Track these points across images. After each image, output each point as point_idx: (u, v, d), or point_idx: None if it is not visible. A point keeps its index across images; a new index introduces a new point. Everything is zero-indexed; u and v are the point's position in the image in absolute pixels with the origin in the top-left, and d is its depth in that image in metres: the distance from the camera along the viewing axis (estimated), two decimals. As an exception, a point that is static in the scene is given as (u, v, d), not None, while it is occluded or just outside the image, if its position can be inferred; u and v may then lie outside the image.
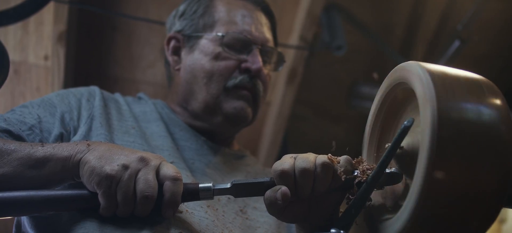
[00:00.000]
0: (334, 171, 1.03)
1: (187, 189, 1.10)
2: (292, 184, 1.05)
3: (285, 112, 2.81)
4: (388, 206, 1.05)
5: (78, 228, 1.08)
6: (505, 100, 0.87)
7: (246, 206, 1.40)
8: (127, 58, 2.56)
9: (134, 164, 1.06)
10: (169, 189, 1.06)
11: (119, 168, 1.04)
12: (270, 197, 1.06)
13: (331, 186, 1.04)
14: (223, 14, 1.57)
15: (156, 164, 1.08)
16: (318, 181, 1.03)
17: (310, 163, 1.04)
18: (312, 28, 2.60)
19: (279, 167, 1.05)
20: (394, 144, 0.93)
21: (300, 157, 1.06)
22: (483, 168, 0.82)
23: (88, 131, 1.32)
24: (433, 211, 0.84)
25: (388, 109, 1.10)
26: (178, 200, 1.08)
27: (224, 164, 1.51)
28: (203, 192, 1.10)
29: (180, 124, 1.52)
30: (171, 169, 1.09)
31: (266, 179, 1.09)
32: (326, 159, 1.04)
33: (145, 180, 1.05)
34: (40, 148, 1.11)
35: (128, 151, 1.10)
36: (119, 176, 1.04)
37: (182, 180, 1.09)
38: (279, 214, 1.08)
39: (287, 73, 2.66)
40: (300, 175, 1.03)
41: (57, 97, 1.40)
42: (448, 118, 0.83)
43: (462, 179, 0.82)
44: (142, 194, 1.04)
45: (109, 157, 1.06)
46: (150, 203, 1.05)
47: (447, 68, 0.91)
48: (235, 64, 1.51)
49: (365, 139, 1.16)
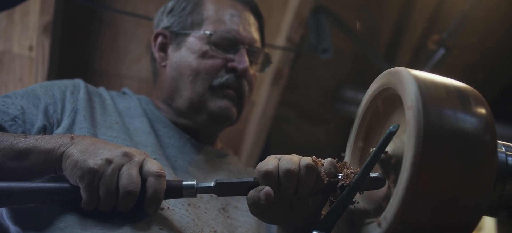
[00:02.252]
0: (317, 174, 1.03)
1: (170, 186, 1.10)
2: (275, 185, 1.05)
3: (269, 112, 2.81)
4: (370, 210, 1.05)
5: (58, 221, 1.07)
6: (490, 110, 0.88)
7: (227, 204, 1.41)
8: (112, 52, 2.54)
9: (118, 159, 1.06)
10: (152, 185, 1.06)
11: (103, 162, 1.04)
12: (253, 197, 1.05)
13: (314, 188, 1.05)
14: (212, 12, 1.57)
15: (140, 160, 1.08)
16: (301, 182, 1.04)
17: (294, 165, 1.04)
18: (299, 30, 2.61)
19: (263, 168, 1.05)
20: (379, 149, 0.93)
21: (284, 158, 1.06)
22: (466, 176, 0.83)
23: (71, 124, 1.31)
24: (415, 217, 0.84)
25: (374, 114, 1.10)
26: (161, 197, 1.08)
27: (206, 162, 1.51)
28: (187, 190, 1.10)
29: (164, 121, 1.52)
30: (155, 165, 1.08)
31: (250, 179, 1.09)
32: (310, 161, 1.04)
33: (128, 175, 1.04)
34: (23, 139, 1.10)
35: (112, 146, 1.09)
36: (102, 171, 1.03)
37: (165, 177, 1.09)
38: (262, 214, 1.07)
39: (273, 73, 2.66)
40: (284, 176, 1.04)
41: (41, 88, 1.39)
42: (433, 125, 0.83)
43: (445, 186, 0.83)
44: (124, 190, 1.04)
45: (93, 151, 1.06)
46: (133, 198, 1.05)
47: (434, 76, 0.92)
48: (221, 63, 1.51)
49: (349, 142, 1.17)
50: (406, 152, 0.85)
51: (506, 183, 0.93)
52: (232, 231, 1.35)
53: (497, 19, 3.09)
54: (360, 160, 1.13)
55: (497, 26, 3.14)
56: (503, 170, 0.93)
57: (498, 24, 3.14)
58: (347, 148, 1.17)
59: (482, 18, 3.01)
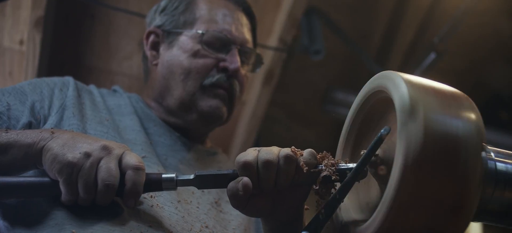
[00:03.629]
0: (297, 164, 1.03)
1: (149, 179, 1.09)
2: (254, 176, 1.04)
3: (260, 112, 2.81)
4: (359, 213, 1.06)
5: (48, 218, 1.07)
6: (481, 116, 0.89)
7: (220, 199, 1.41)
8: (104, 48, 2.53)
9: (97, 153, 1.05)
10: (131, 178, 1.06)
11: (81, 156, 1.03)
12: (232, 189, 1.05)
13: (294, 179, 1.04)
14: (204, 12, 1.57)
15: (118, 153, 1.08)
16: (281, 173, 1.03)
17: (273, 155, 1.03)
18: (292, 30, 2.61)
19: (242, 158, 1.05)
20: (370, 151, 0.94)
21: (263, 150, 1.05)
22: (455, 181, 0.84)
23: (59, 120, 1.31)
24: (404, 220, 0.85)
25: (365, 116, 1.10)
26: (140, 190, 1.07)
27: (196, 160, 1.51)
28: (166, 182, 1.10)
29: (154, 119, 1.52)
30: (134, 158, 1.08)
31: (229, 171, 1.08)
32: (289, 151, 1.03)
33: (107, 168, 1.04)
34: (3, 134, 1.10)
35: (92, 139, 1.09)
36: (81, 164, 1.03)
37: (144, 170, 1.08)
38: (242, 207, 1.07)
39: (264, 74, 2.67)
40: (263, 166, 1.03)
41: (29, 85, 1.38)
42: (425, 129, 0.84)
43: (434, 191, 0.83)
44: (103, 183, 1.03)
45: (72, 145, 1.06)
46: (111, 191, 1.04)
47: (426, 80, 0.92)
48: (213, 62, 1.51)
49: (340, 144, 1.17)
50: (396, 156, 0.86)
51: (494, 189, 0.93)
52: (224, 225, 1.35)
53: (488, 26, 3.11)
54: (348, 160, 1.13)
55: (488, 33, 3.17)
56: (492, 175, 0.93)
57: (489, 31, 3.17)
58: (337, 149, 1.17)
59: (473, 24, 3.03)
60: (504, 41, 3.28)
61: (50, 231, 1.05)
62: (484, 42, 3.23)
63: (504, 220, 0.98)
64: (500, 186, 0.93)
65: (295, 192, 1.08)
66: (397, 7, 3.17)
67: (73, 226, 1.05)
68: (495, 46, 3.27)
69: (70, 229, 1.04)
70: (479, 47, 3.26)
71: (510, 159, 0.96)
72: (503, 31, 3.19)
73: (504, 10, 3.07)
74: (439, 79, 0.94)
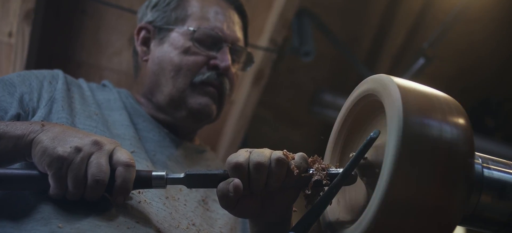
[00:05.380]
0: (288, 167, 1.03)
1: (139, 176, 1.09)
2: (245, 178, 1.04)
3: (248, 112, 2.81)
4: (346, 215, 1.06)
5: (35, 212, 1.06)
6: (469, 121, 0.90)
7: (207, 197, 1.41)
8: (93, 43, 2.52)
9: (87, 147, 1.04)
10: (121, 175, 1.05)
11: (72, 150, 1.02)
12: (222, 190, 1.05)
13: (285, 182, 1.04)
14: (196, 9, 1.57)
15: (109, 149, 1.07)
16: (272, 176, 1.03)
17: (265, 158, 1.03)
18: (283, 31, 2.61)
19: (234, 160, 1.05)
20: (359, 154, 0.94)
21: (255, 152, 1.05)
22: (443, 186, 0.84)
23: (48, 113, 1.30)
24: (391, 223, 0.85)
25: (355, 119, 1.11)
26: (130, 187, 1.07)
27: (185, 157, 1.51)
28: (156, 180, 1.09)
29: (143, 115, 1.51)
30: (124, 155, 1.07)
31: (220, 171, 1.07)
32: (281, 154, 1.03)
33: (97, 164, 1.03)
34: None
35: (83, 134, 1.08)
36: (71, 158, 1.02)
37: (135, 167, 1.08)
38: (231, 207, 1.07)
39: (254, 74, 2.67)
40: (254, 168, 1.03)
41: (18, 77, 1.37)
42: (413, 134, 0.84)
43: (422, 195, 0.84)
44: (93, 178, 1.02)
45: (63, 138, 1.05)
46: (101, 187, 1.04)
47: (417, 85, 0.93)
48: (204, 60, 1.51)
49: (329, 145, 1.17)
50: (385, 159, 0.86)
51: (481, 194, 0.94)
52: (211, 223, 1.35)
53: (477, 33, 3.14)
54: (339, 164, 1.14)
55: (477, 41, 3.19)
56: (479, 181, 0.94)
57: (478, 39, 3.19)
58: (326, 151, 1.18)
59: (463, 31, 3.05)
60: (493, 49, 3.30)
61: (35, 224, 1.04)
62: (473, 49, 3.25)
63: (489, 226, 0.99)
64: (486, 192, 0.95)
65: (285, 194, 1.08)
66: (387, 11, 3.18)
67: (60, 221, 1.04)
68: (483, 54, 3.30)
69: (56, 223, 1.03)
70: (468, 54, 3.28)
71: (497, 166, 0.98)
72: (492, 39, 3.22)
73: (494, 18, 3.09)
74: (428, 84, 0.95)
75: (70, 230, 1.02)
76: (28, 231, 1.03)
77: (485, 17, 3.06)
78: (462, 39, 3.15)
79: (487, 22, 3.10)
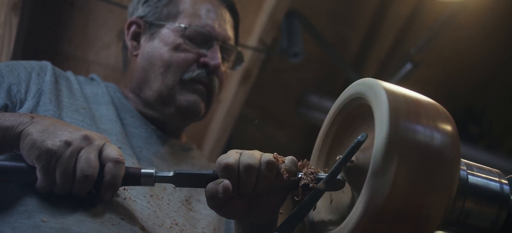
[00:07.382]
0: (278, 170, 1.04)
1: (128, 173, 1.09)
2: (235, 179, 1.04)
3: (235, 111, 2.81)
4: (332, 218, 1.06)
5: (18, 204, 1.05)
6: (456, 128, 0.90)
7: (191, 197, 1.40)
8: (81, 36, 2.51)
9: (77, 142, 1.04)
10: (110, 171, 1.05)
11: (61, 144, 1.02)
12: (211, 190, 1.05)
13: (274, 185, 1.05)
14: (188, 6, 1.57)
15: (99, 144, 1.07)
16: (261, 178, 1.03)
17: (255, 160, 1.03)
18: (272, 32, 2.62)
19: (224, 161, 1.05)
20: (346, 156, 0.94)
21: (245, 153, 1.06)
22: (428, 191, 0.85)
23: (35, 105, 1.29)
24: (375, 226, 0.86)
25: (343, 122, 1.11)
26: (118, 183, 1.06)
27: (171, 155, 1.50)
28: (145, 177, 1.09)
29: (131, 110, 1.51)
30: (114, 151, 1.07)
31: (209, 171, 1.08)
32: (271, 157, 1.04)
33: (86, 159, 1.03)
34: None
35: (73, 128, 1.07)
36: (60, 152, 1.01)
37: (124, 164, 1.07)
38: (219, 208, 1.07)
39: (242, 73, 2.67)
40: (244, 170, 1.03)
41: (6, 67, 1.36)
42: (400, 138, 0.85)
43: (407, 200, 0.84)
44: (82, 173, 1.02)
45: (52, 132, 1.04)
46: (89, 183, 1.03)
47: (405, 90, 0.93)
48: (194, 57, 1.51)
49: (316, 147, 1.17)
50: (372, 162, 0.86)
51: (465, 201, 0.95)
52: (194, 224, 1.34)
53: (464, 41, 3.16)
54: (325, 166, 1.14)
55: (464, 48, 3.22)
56: (464, 187, 0.95)
57: (465, 46, 3.22)
58: (313, 153, 1.18)
59: (450, 38, 3.08)
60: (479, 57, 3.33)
61: (18, 217, 1.03)
62: (459, 56, 3.28)
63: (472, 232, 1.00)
64: (470, 199, 0.96)
65: (273, 197, 1.09)
66: (376, 16, 3.20)
67: (44, 215, 1.03)
68: (469, 62, 3.33)
69: (40, 217, 1.02)
70: (454, 61, 3.31)
71: (481, 173, 0.99)
72: (479, 47, 3.25)
73: (481, 27, 3.12)
74: (414, 89, 0.96)
75: (54, 224, 1.02)
76: (11, 223, 1.02)
77: (472, 25, 3.09)
78: (449, 46, 3.18)
79: (474, 30, 3.13)
